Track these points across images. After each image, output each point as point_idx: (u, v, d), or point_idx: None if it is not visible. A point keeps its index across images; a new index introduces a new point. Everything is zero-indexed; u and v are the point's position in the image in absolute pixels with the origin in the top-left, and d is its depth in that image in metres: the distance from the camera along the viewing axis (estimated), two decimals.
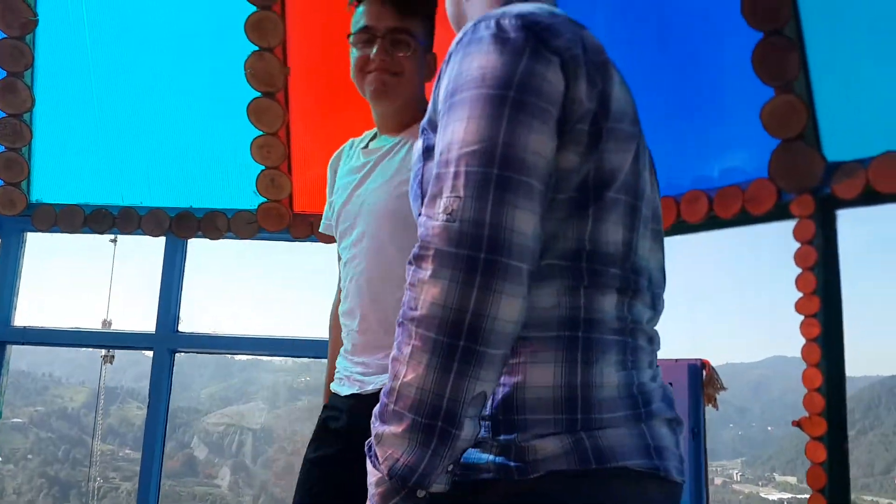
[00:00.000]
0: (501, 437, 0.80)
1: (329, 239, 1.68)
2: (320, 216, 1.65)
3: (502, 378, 0.80)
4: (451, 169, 0.77)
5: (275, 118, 2.37)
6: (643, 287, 0.86)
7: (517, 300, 0.75)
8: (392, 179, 1.43)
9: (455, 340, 0.73)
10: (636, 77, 1.01)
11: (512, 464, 0.78)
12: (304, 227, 2.49)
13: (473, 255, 0.73)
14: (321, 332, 2.26)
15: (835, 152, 1.88)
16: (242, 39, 2.30)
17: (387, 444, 0.75)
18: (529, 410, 0.79)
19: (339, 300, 1.54)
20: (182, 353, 2.61)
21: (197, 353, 2.65)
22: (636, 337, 0.85)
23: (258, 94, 2.35)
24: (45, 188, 2.53)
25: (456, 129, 0.79)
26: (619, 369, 0.81)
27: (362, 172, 1.50)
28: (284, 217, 2.47)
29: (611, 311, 0.83)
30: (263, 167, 2.44)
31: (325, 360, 1.66)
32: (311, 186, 2.50)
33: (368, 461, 0.78)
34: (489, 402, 0.80)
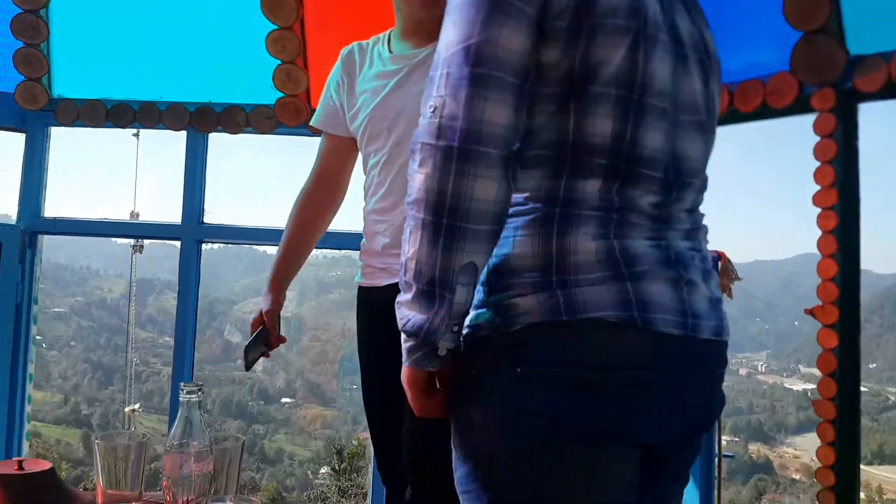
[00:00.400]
0: (492, 298, 0.93)
1: (318, 132, 1.75)
2: None
3: (496, 250, 0.92)
4: (439, 71, 0.89)
5: (289, 12, 2.35)
6: (642, 174, 0.93)
7: (491, 182, 0.86)
8: None
9: (439, 219, 0.86)
10: None
11: (498, 320, 0.92)
12: None
13: (449, 144, 0.85)
14: (347, 225, 2.32)
15: (858, 46, 1.83)
16: None
17: (403, 308, 0.92)
18: (513, 275, 0.92)
19: (309, 192, 1.72)
20: (216, 248, 2.70)
21: (223, 243, 2.74)
22: (625, 214, 0.93)
23: None
24: (66, 84, 2.55)
25: (445, 33, 0.90)
26: (596, 238, 0.91)
27: (396, 78, 1.52)
28: (302, 112, 2.48)
29: (592, 192, 0.92)
30: (279, 61, 2.44)
31: (355, 254, 1.72)
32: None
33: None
34: (486, 270, 0.93)
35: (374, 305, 1.59)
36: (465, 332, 0.93)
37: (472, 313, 0.94)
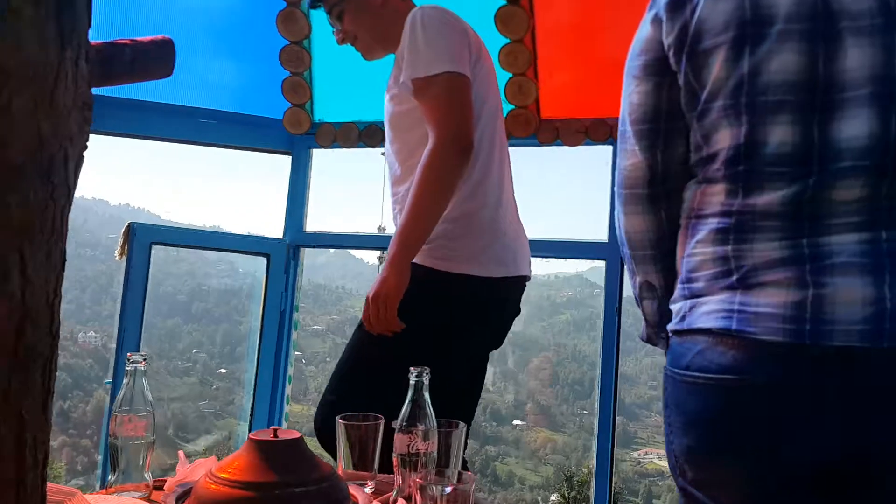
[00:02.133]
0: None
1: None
2: (566, 120, 1.73)
3: None
4: None
5: (520, 24, 2.43)
6: (768, 177, 0.97)
7: (634, 216, 1.13)
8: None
9: (623, 249, 1.19)
10: None
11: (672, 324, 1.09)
12: (550, 132, 2.55)
13: (615, 190, 1.17)
14: (576, 233, 2.32)
15: None
16: None
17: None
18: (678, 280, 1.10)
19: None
20: None
21: None
22: (746, 218, 0.98)
23: (504, 1, 2.42)
24: (325, 108, 2.84)
25: None
26: (714, 245, 1.00)
27: None
28: (532, 122, 2.55)
29: (715, 201, 1.02)
30: (511, 74, 2.53)
31: (588, 274, 1.80)
32: (556, 92, 2.54)
33: None
34: None
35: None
36: None
37: None
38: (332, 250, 9.75)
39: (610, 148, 2.53)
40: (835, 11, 0.94)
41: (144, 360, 1.31)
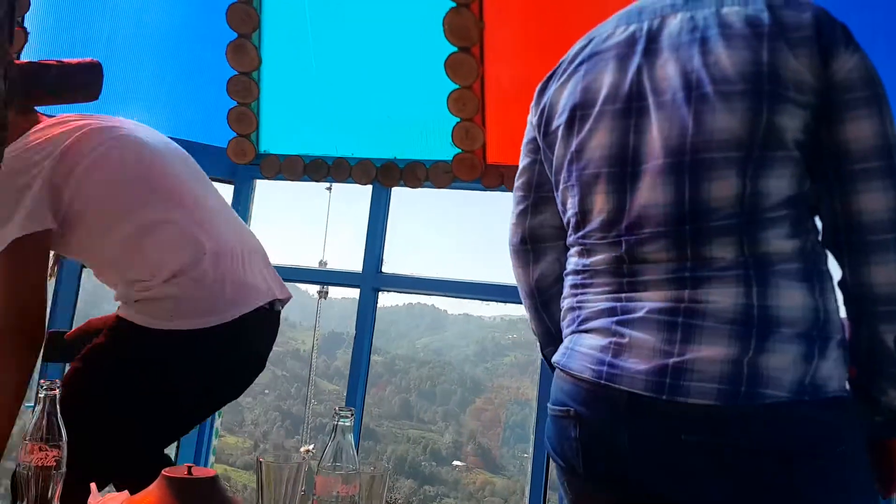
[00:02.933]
0: None
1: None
2: (511, 167, 1.75)
3: None
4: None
5: (469, 72, 2.48)
6: (588, 241, 1.12)
7: (514, 269, 1.34)
8: None
9: None
10: None
11: None
12: (495, 177, 2.58)
13: None
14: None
15: None
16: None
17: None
18: None
19: None
20: (399, 306, 2.84)
21: (397, 292, 2.86)
22: (587, 276, 1.12)
23: (454, 48, 2.46)
24: (271, 140, 2.83)
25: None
26: (570, 298, 1.15)
27: None
28: (476, 167, 2.58)
29: (572, 261, 1.16)
30: (459, 119, 2.56)
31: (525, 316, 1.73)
32: (503, 138, 2.58)
33: None
34: None
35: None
36: None
37: None
38: None
39: None
40: (645, 90, 1.04)
41: (58, 387, 1.26)
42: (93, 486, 1.28)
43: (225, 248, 1.61)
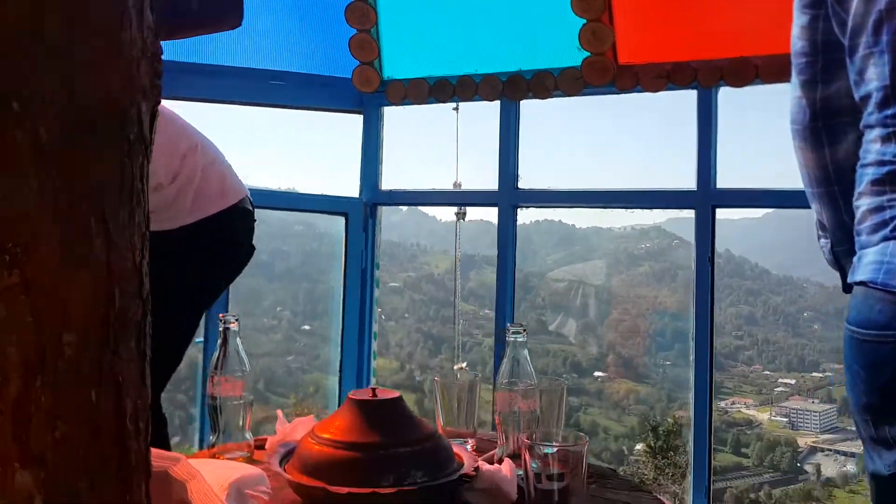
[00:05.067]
0: None
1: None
2: (646, 66, 1.62)
3: None
4: None
5: None
6: None
7: (799, 151, 1.13)
8: None
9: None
10: None
11: None
12: (629, 78, 2.43)
13: None
14: (659, 182, 2.24)
15: None
16: None
17: None
18: None
19: None
20: (528, 223, 2.79)
21: (536, 207, 2.81)
22: (892, 168, 0.95)
23: None
24: (394, 65, 2.79)
25: None
26: (872, 196, 0.97)
27: None
28: (609, 70, 2.44)
29: (872, 148, 0.97)
30: (584, 20, 2.41)
31: (666, 225, 1.66)
32: (634, 35, 2.42)
33: None
34: None
35: None
36: None
37: None
38: (404, 209, 9.78)
39: (695, 93, 2.40)
40: None
41: (236, 320, 1.32)
42: (279, 412, 1.34)
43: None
